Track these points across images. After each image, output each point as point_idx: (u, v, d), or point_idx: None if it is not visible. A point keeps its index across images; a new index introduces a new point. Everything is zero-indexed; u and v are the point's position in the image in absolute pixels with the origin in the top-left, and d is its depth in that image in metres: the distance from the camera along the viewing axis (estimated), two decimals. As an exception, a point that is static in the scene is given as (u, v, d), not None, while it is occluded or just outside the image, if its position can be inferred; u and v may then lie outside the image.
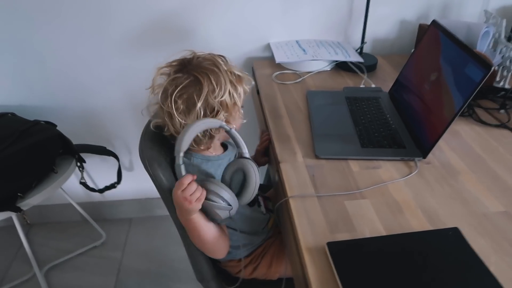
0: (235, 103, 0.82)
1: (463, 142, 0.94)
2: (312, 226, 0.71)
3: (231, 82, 0.80)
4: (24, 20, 1.29)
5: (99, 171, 1.69)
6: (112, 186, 1.48)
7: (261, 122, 1.13)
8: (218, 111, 0.80)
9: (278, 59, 1.31)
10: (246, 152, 0.82)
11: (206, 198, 0.74)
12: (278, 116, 1.06)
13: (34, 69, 1.40)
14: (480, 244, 0.66)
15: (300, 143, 0.94)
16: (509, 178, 0.82)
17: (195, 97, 0.77)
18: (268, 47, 1.44)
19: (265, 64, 1.37)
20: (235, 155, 0.97)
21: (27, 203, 1.15)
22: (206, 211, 0.77)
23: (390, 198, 0.77)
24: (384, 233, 0.69)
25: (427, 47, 1.03)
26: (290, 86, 1.22)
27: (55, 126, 1.39)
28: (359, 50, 1.38)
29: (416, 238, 0.67)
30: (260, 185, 1.18)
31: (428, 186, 0.80)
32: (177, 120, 0.79)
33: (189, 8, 1.33)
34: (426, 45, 1.04)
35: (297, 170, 0.85)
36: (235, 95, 0.81)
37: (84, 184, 1.37)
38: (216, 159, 0.89)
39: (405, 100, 1.05)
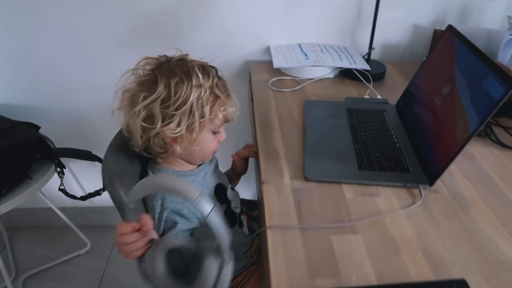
0: (193, 124, 0.69)
1: (478, 167, 0.81)
2: (290, 267, 0.59)
3: (198, 98, 0.68)
4: (11, 14, 1.21)
5: (87, 176, 1.61)
6: (97, 193, 1.38)
7: (253, 133, 1.03)
8: (166, 123, 0.68)
9: (276, 64, 1.20)
10: (224, 247, 0.59)
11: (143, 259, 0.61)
12: (269, 127, 0.94)
13: (19, 66, 1.31)
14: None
15: (290, 160, 0.82)
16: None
17: (141, 97, 0.68)
18: (268, 50, 1.32)
19: (263, 68, 1.26)
20: (214, 168, 0.86)
21: (-5, 211, 1.06)
22: None
23: (387, 234, 0.65)
24: (374, 282, 0.57)
25: (441, 55, 0.90)
26: (287, 94, 1.11)
27: (38, 128, 1.31)
28: (366, 57, 1.26)
29: (414, 290, 0.55)
30: (247, 201, 1.07)
31: (433, 221, 0.68)
32: (123, 114, 0.70)
33: (185, 6, 1.23)
34: (440, 53, 0.91)
35: (281, 194, 0.73)
36: (196, 114, 0.68)
37: (63, 190, 1.28)
38: (188, 174, 0.78)
39: (413, 115, 0.93)
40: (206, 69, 0.71)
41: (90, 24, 1.24)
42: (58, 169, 1.25)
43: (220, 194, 0.84)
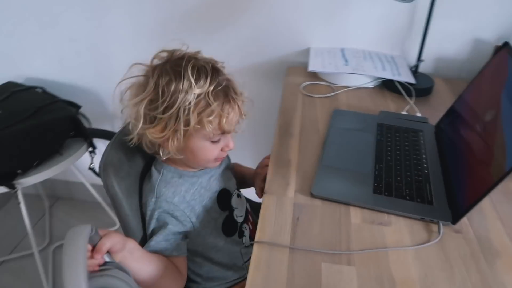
0: (177, 132, 0.64)
1: (518, 210, 0.70)
2: (268, 283, 0.54)
3: (185, 104, 0.63)
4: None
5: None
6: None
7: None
8: (150, 126, 0.65)
9: (311, 67, 1.13)
10: None
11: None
12: (288, 134, 0.89)
13: (68, 46, 1.37)
14: None
15: (300, 172, 0.76)
16: None
17: (132, 94, 0.67)
18: (308, 52, 1.26)
19: (300, 71, 1.20)
20: (222, 171, 0.82)
21: (25, 181, 1.12)
22: None
23: (386, 272, 0.57)
24: (358, 324, 0.50)
25: (490, 76, 0.79)
26: (317, 100, 1.04)
27: (79, 107, 1.36)
28: (414, 69, 1.15)
29: None
30: (257, 205, 1.02)
31: (446, 265, 0.59)
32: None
33: (221, 2, 1.21)
34: (490, 73, 0.79)
35: (281, 207, 0.68)
36: (181, 121, 0.63)
37: (92, 169, 1.32)
38: (191, 175, 0.75)
39: (450, 140, 0.82)
40: (203, 72, 0.65)
41: (135, 13, 1.26)
42: (90, 149, 1.29)
43: (223, 200, 0.79)
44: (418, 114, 0.98)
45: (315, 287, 0.55)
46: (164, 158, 0.71)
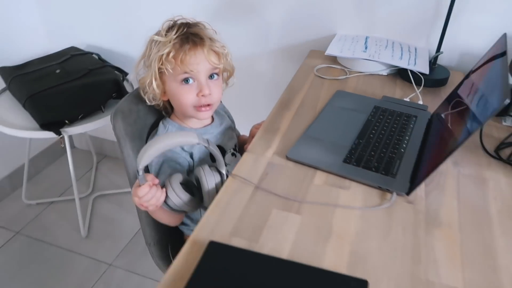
0: (152, 75, 0.80)
1: (480, 194, 0.72)
2: (222, 216, 0.64)
3: (156, 51, 0.78)
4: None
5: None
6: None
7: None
8: (143, 77, 0.82)
9: (328, 51, 1.19)
10: (222, 167, 0.75)
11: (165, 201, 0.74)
12: (286, 108, 0.97)
13: (125, 21, 1.56)
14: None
15: (284, 139, 0.85)
16: (504, 258, 0.60)
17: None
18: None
19: (320, 55, 1.26)
20: (222, 130, 0.93)
21: (69, 130, 1.32)
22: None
23: (327, 224, 0.64)
24: (284, 257, 0.58)
25: (482, 66, 0.80)
26: (326, 82, 1.10)
27: (126, 74, 1.54)
28: (432, 61, 1.16)
29: (309, 275, 0.54)
30: None
31: (386, 227, 0.64)
32: None
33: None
34: (484, 63, 0.81)
35: (256, 164, 0.77)
36: (153, 66, 0.79)
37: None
38: (192, 131, 0.87)
39: (436, 126, 0.85)
40: (175, 28, 0.79)
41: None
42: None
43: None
44: (420, 102, 1.00)
45: (261, 225, 0.63)
46: (154, 104, 0.86)
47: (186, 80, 0.80)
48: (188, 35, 0.79)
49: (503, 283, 0.56)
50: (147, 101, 0.84)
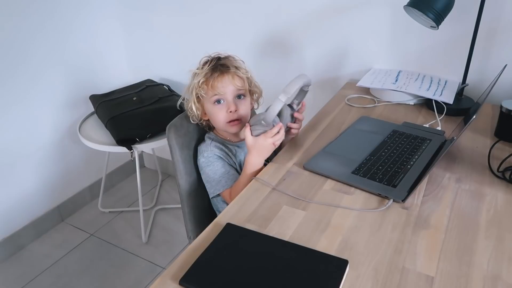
0: (192, 100, 1.03)
1: (475, 206, 0.79)
2: (241, 208, 0.80)
3: (196, 81, 1.00)
4: (189, 25, 1.74)
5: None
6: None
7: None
8: (188, 101, 1.06)
9: (360, 83, 1.32)
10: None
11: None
12: (313, 129, 1.11)
13: (190, 59, 1.82)
14: (356, 286, 0.62)
15: (305, 153, 0.99)
16: (481, 256, 0.67)
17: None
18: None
19: (354, 87, 1.39)
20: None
21: (139, 147, 1.58)
22: None
23: (326, 219, 0.77)
24: (286, 239, 0.71)
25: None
26: (355, 109, 1.23)
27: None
28: (458, 92, 1.24)
29: (301, 253, 0.67)
30: None
31: (377, 225, 0.75)
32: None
33: (300, 25, 1.50)
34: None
35: (277, 170, 0.92)
36: (193, 93, 1.01)
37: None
38: (231, 144, 1.06)
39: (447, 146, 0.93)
40: (209, 60, 1.01)
41: (232, 31, 1.64)
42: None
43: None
44: (438, 128, 1.09)
45: (271, 216, 0.78)
46: (196, 123, 1.07)
47: (218, 101, 1.01)
48: (217, 65, 1.01)
49: (472, 276, 0.63)
50: (191, 120, 1.05)
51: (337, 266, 0.64)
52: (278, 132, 0.93)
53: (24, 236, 1.79)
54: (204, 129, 1.11)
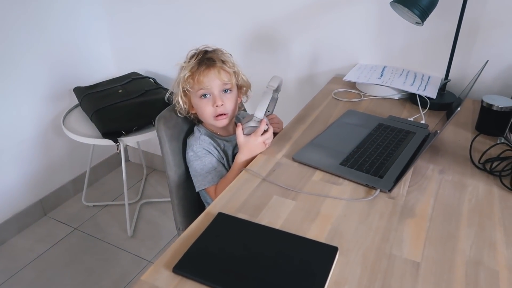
0: (179, 94, 1.03)
1: (457, 196, 0.82)
2: (232, 198, 0.81)
3: (182, 75, 1.00)
4: (176, 17, 1.73)
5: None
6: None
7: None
8: (176, 95, 1.05)
9: (346, 77, 1.35)
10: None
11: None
12: (301, 122, 1.13)
13: (177, 52, 1.81)
14: (346, 271, 0.64)
15: (293, 146, 1.01)
16: (463, 243, 0.70)
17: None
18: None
19: (340, 81, 1.42)
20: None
21: (125, 140, 1.57)
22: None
23: (316, 208, 0.78)
24: (277, 228, 0.73)
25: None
26: (341, 103, 1.26)
27: (175, 95, 1.80)
28: (441, 87, 1.27)
29: (292, 240, 0.69)
30: None
31: (365, 214, 0.77)
32: None
33: (288, 20, 1.51)
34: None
35: (266, 162, 0.94)
36: (180, 87, 1.01)
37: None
38: (220, 138, 1.06)
39: (431, 139, 0.96)
40: (196, 54, 1.02)
41: (219, 23, 1.64)
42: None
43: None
44: (422, 122, 1.12)
45: (262, 206, 0.79)
46: (184, 116, 1.08)
47: (204, 96, 1.01)
48: (204, 59, 1.00)
49: (456, 261, 0.66)
50: (178, 114, 1.05)
51: (328, 252, 0.66)
52: (267, 130, 0.96)
53: (6, 230, 1.75)
54: (193, 122, 1.11)
